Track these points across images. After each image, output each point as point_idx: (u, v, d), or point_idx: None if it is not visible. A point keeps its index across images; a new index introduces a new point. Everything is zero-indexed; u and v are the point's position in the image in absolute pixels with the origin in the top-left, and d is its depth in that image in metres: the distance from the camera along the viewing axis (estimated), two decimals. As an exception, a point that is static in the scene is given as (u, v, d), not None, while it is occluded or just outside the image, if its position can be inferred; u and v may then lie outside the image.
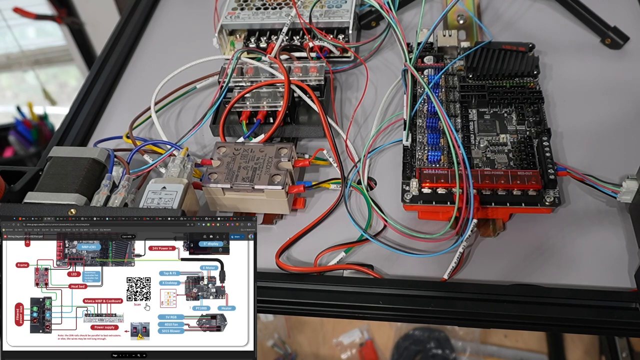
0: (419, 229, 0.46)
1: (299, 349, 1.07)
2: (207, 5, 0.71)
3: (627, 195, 0.44)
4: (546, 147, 0.45)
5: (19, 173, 0.50)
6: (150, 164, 0.49)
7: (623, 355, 0.90)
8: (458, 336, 1.03)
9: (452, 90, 0.53)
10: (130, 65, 0.67)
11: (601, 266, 0.43)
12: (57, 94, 1.67)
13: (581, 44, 0.61)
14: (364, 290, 0.43)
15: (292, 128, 0.53)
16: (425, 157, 0.48)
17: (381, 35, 0.63)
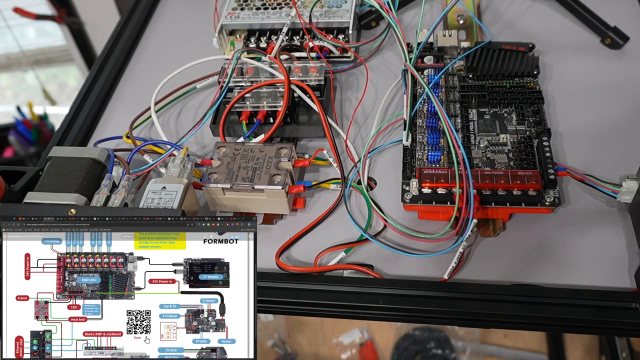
0: (419, 229, 0.46)
1: (299, 349, 1.07)
2: (207, 5, 0.71)
3: (627, 195, 0.44)
4: (546, 147, 0.45)
5: (19, 173, 0.50)
6: (150, 164, 0.49)
7: (623, 355, 0.90)
8: (458, 336, 1.03)
9: (452, 90, 0.53)
10: (130, 65, 0.67)
11: (601, 266, 0.43)
12: (57, 94, 1.67)
13: (581, 44, 0.61)
14: (364, 290, 0.43)
15: (292, 128, 0.53)
16: (425, 157, 0.48)
17: (381, 35, 0.63)
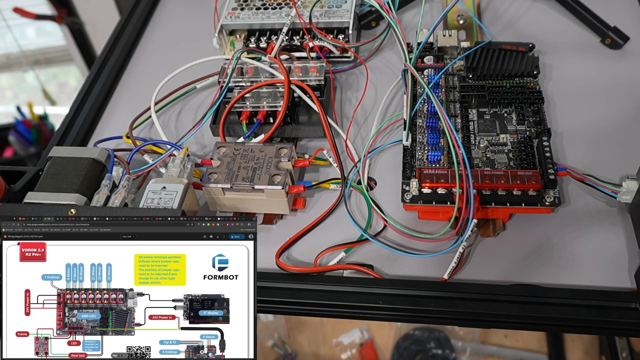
0: (419, 229, 0.46)
1: (299, 349, 1.07)
2: (207, 5, 0.71)
3: (627, 195, 0.44)
4: (546, 147, 0.45)
5: (19, 173, 0.50)
6: (150, 164, 0.49)
7: (623, 355, 0.90)
8: (458, 336, 1.03)
9: (452, 90, 0.53)
10: (130, 65, 0.67)
11: (601, 266, 0.43)
12: (57, 94, 1.67)
13: (581, 44, 0.61)
14: (364, 290, 0.43)
15: (292, 128, 0.53)
16: (425, 157, 0.48)
17: (381, 35, 0.63)
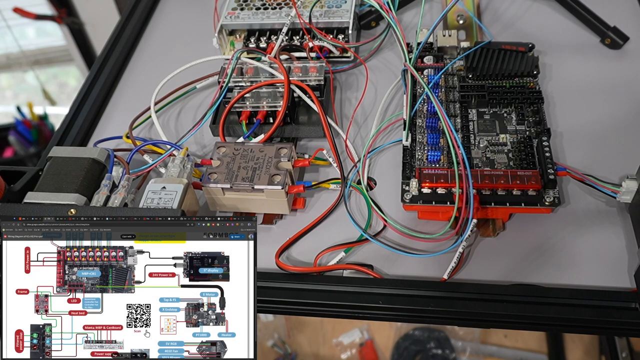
0: (419, 229, 0.46)
1: (299, 349, 1.07)
2: (207, 5, 0.71)
3: (627, 195, 0.44)
4: (546, 147, 0.45)
5: (19, 173, 0.50)
6: (150, 164, 0.49)
7: (623, 355, 0.90)
8: (458, 336, 1.03)
9: (452, 90, 0.53)
10: (130, 65, 0.67)
11: (601, 266, 0.43)
12: (57, 94, 1.67)
13: (581, 44, 0.61)
14: (363, 290, 0.43)
15: (292, 128, 0.53)
16: (425, 157, 0.48)
17: (381, 35, 0.63)
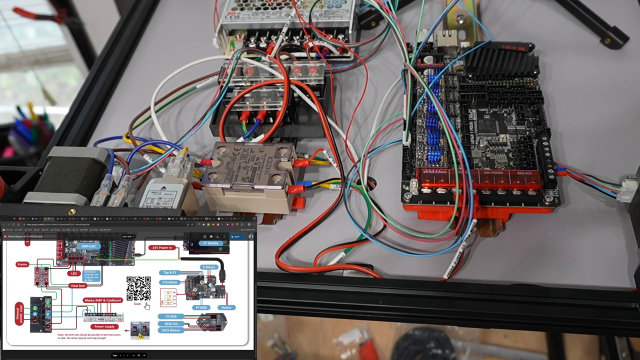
0: (419, 229, 0.46)
1: (299, 349, 1.07)
2: (207, 5, 0.71)
3: (627, 195, 0.44)
4: (546, 147, 0.45)
5: (19, 173, 0.50)
6: (150, 164, 0.49)
7: (623, 355, 0.90)
8: (458, 336, 1.03)
9: (452, 90, 0.53)
10: (130, 65, 0.67)
11: (601, 266, 0.43)
12: (57, 94, 1.67)
13: (581, 44, 0.61)
14: (363, 290, 0.43)
15: (292, 128, 0.53)
16: (425, 157, 0.48)
17: (381, 35, 0.63)
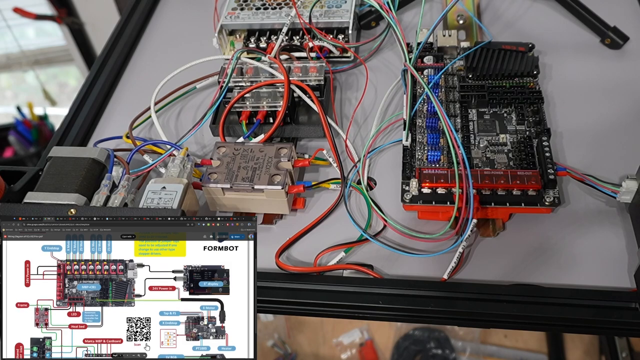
0: (419, 229, 0.46)
1: (299, 349, 1.07)
2: (207, 5, 0.71)
3: (627, 195, 0.44)
4: (546, 147, 0.45)
5: (19, 173, 0.50)
6: (150, 164, 0.49)
7: (623, 355, 0.90)
8: (458, 336, 1.03)
9: (452, 90, 0.53)
10: (130, 65, 0.67)
11: (601, 266, 0.43)
12: (57, 94, 1.67)
13: (581, 44, 0.61)
14: (363, 290, 0.43)
15: (292, 128, 0.53)
16: (425, 157, 0.48)
17: (381, 35, 0.63)
